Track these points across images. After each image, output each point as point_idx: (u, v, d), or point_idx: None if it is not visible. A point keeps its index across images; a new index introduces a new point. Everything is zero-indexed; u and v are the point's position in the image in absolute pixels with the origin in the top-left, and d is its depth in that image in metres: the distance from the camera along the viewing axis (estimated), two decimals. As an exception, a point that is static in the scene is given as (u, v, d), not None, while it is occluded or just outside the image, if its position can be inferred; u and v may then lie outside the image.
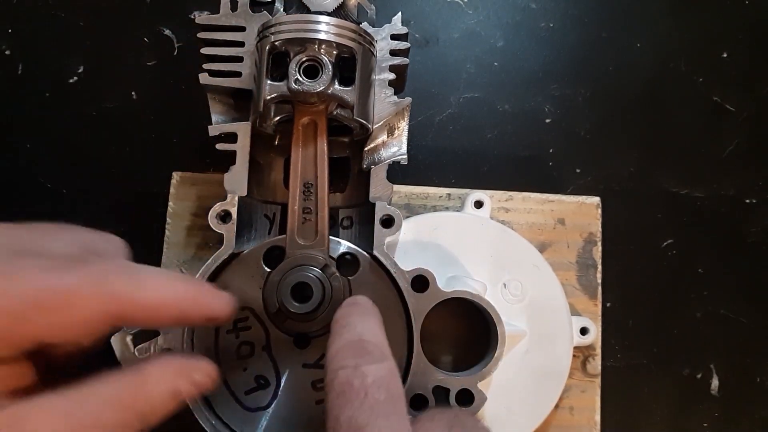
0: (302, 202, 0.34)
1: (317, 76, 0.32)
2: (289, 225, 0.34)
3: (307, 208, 0.34)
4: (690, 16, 0.49)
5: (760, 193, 0.46)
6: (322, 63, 0.32)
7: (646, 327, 0.44)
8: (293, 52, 0.32)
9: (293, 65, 0.32)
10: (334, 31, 0.32)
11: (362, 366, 0.25)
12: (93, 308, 0.24)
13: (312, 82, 0.32)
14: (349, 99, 0.33)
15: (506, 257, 0.40)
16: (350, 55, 0.33)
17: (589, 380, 0.41)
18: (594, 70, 0.48)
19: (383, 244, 0.34)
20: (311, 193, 0.34)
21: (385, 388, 0.25)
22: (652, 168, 0.46)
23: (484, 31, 0.48)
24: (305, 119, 0.34)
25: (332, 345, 0.27)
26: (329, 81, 0.32)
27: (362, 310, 0.30)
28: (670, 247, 0.46)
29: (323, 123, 0.34)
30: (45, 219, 0.44)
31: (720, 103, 0.48)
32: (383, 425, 0.24)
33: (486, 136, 0.47)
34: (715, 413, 0.44)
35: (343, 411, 0.24)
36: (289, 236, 0.34)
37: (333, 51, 0.33)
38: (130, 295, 0.25)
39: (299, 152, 0.34)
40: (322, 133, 0.34)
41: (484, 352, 0.37)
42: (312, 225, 0.34)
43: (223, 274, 0.34)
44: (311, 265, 0.33)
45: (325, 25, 0.32)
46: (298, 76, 0.32)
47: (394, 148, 0.37)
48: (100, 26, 0.47)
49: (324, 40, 0.32)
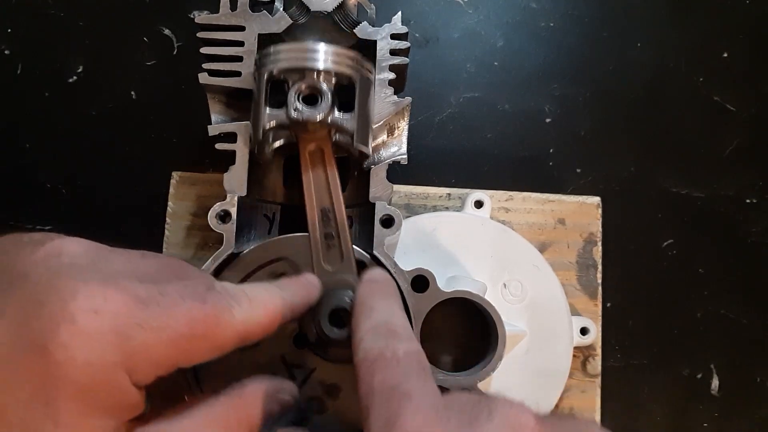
0: (323, 229, 0.34)
1: (316, 104, 0.32)
2: (314, 254, 0.34)
3: (329, 234, 0.34)
4: (690, 16, 0.49)
5: (760, 193, 0.46)
6: (321, 91, 0.32)
7: (646, 327, 0.44)
8: (292, 81, 0.32)
9: (292, 94, 0.32)
10: (333, 59, 0.32)
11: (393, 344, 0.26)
12: (228, 335, 0.26)
13: (311, 110, 0.32)
14: (349, 126, 0.33)
15: (506, 257, 0.40)
16: (349, 82, 0.33)
17: (589, 380, 0.41)
18: (594, 70, 0.48)
19: (383, 244, 0.34)
20: (330, 219, 0.34)
21: (416, 360, 0.25)
22: (652, 168, 0.46)
23: (484, 31, 0.48)
24: (311, 146, 0.34)
25: (360, 327, 0.27)
26: (328, 109, 0.32)
27: (384, 290, 0.30)
28: (670, 247, 0.46)
29: (329, 148, 0.34)
30: (45, 219, 0.44)
31: (720, 103, 0.48)
32: (416, 385, 0.24)
33: (486, 136, 0.46)
34: (715, 413, 0.44)
35: (375, 375, 0.24)
36: (316, 265, 0.33)
37: (332, 79, 0.32)
38: (254, 318, 0.27)
39: (311, 180, 0.34)
40: (330, 158, 0.34)
41: (484, 352, 0.37)
42: (336, 250, 0.34)
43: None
44: (344, 289, 0.32)
45: (323, 53, 0.32)
46: (298, 105, 0.32)
47: (394, 148, 0.37)
48: (100, 26, 0.47)
49: (322, 69, 0.32)
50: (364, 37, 0.37)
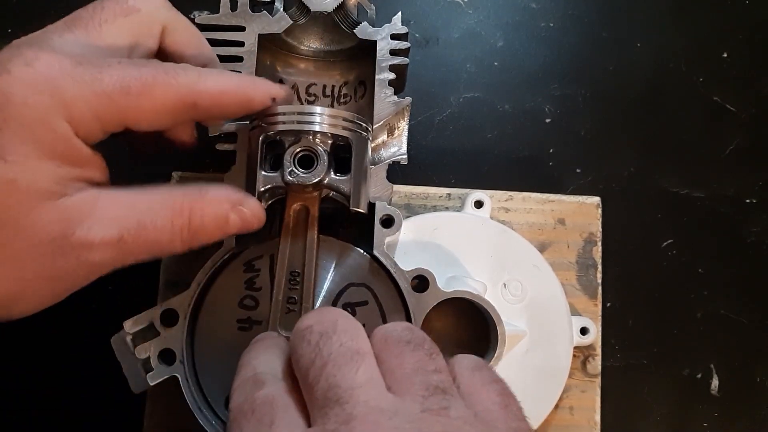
0: (287, 292, 0.34)
1: (312, 167, 0.32)
2: (272, 316, 0.33)
3: (292, 298, 0.34)
4: (690, 16, 0.49)
5: (760, 193, 0.46)
6: (317, 153, 0.32)
7: (646, 327, 0.44)
8: (287, 143, 0.32)
9: (288, 156, 0.32)
10: (328, 121, 0.32)
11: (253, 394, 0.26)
12: (169, 94, 0.28)
13: (307, 173, 0.32)
14: (345, 189, 0.33)
15: (506, 257, 0.40)
16: (345, 143, 0.33)
17: (589, 380, 0.41)
18: (594, 70, 0.48)
19: (383, 244, 0.34)
20: (297, 283, 0.34)
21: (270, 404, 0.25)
22: (652, 168, 0.46)
23: (484, 31, 0.48)
24: (297, 205, 0.34)
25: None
26: (324, 171, 0.32)
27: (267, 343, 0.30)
28: (670, 247, 0.46)
29: (315, 211, 0.34)
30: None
31: (720, 103, 0.48)
32: None
33: (486, 136, 0.47)
34: (715, 413, 0.44)
35: None
36: (271, 326, 0.33)
37: (328, 141, 0.32)
38: (200, 84, 0.28)
39: (288, 240, 0.34)
40: (313, 222, 0.34)
41: (484, 352, 0.37)
42: (296, 316, 0.33)
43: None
44: None
45: (319, 116, 0.32)
46: (293, 168, 0.32)
47: (394, 148, 0.37)
48: (100, 26, 0.47)
49: (318, 132, 0.32)
50: (364, 38, 0.37)
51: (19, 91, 0.26)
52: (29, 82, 0.26)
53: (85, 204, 0.27)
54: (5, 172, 0.25)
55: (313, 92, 0.40)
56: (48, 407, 0.42)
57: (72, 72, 0.27)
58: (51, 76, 0.26)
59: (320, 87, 0.40)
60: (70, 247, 0.27)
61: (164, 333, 0.33)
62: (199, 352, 0.34)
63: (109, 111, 0.27)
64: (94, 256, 0.27)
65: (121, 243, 0.27)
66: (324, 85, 0.40)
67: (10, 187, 0.26)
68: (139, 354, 0.32)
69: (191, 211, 0.29)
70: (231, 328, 0.34)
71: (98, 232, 0.27)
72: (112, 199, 0.28)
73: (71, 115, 0.26)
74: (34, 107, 0.26)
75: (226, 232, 0.30)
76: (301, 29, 0.38)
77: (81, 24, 0.29)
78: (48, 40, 0.28)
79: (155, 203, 0.28)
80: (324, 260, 0.34)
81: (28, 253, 0.26)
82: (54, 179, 0.26)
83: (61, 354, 0.42)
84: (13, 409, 0.42)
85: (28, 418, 0.42)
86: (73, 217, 0.27)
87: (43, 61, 0.26)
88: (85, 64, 0.27)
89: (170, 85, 0.28)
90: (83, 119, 0.27)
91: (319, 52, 0.39)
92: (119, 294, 0.42)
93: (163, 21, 0.32)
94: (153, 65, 0.28)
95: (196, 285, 0.33)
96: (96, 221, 0.27)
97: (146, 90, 0.27)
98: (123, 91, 0.27)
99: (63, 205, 0.27)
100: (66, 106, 0.26)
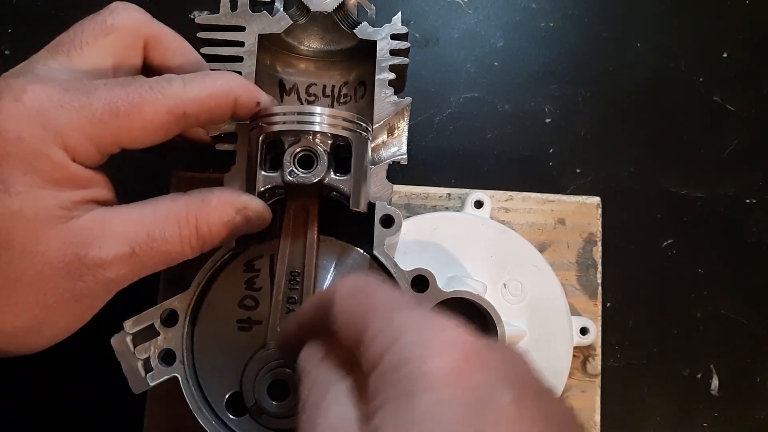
0: (287, 292, 0.33)
1: (312, 167, 0.32)
2: (272, 316, 0.33)
3: (292, 298, 0.33)
4: (690, 16, 0.49)
5: (760, 193, 0.46)
6: (317, 153, 0.32)
7: (646, 327, 0.44)
8: (287, 143, 0.32)
9: (288, 156, 0.32)
10: (328, 121, 0.32)
11: None
12: (158, 109, 0.28)
13: (307, 173, 0.32)
14: (345, 189, 0.32)
15: (506, 257, 0.40)
16: (345, 143, 0.33)
17: (589, 380, 0.41)
18: (594, 70, 0.48)
19: (383, 244, 0.34)
20: (297, 283, 0.33)
21: None
22: (652, 168, 0.46)
23: (484, 31, 0.48)
24: (296, 205, 0.34)
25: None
26: (324, 171, 0.32)
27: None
28: (670, 247, 0.46)
29: (315, 210, 0.34)
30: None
31: (720, 103, 0.48)
32: None
33: (486, 136, 0.47)
34: (715, 413, 0.44)
35: None
36: (271, 327, 0.33)
37: (328, 141, 0.32)
38: (187, 93, 0.29)
39: (288, 240, 0.34)
40: (312, 221, 0.34)
41: (484, 352, 0.37)
42: None
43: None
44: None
45: (319, 116, 0.32)
46: (293, 168, 0.32)
47: (394, 148, 0.37)
48: (100, 26, 0.47)
49: (318, 132, 0.32)
50: (364, 38, 0.37)
51: (12, 127, 0.26)
52: (20, 117, 0.27)
53: (93, 224, 0.28)
54: (11, 204, 0.26)
55: (313, 92, 0.40)
56: (48, 407, 0.42)
57: (60, 100, 0.27)
58: (41, 108, 0.27)
59: (320, 87, 0.40)
60: (86, 267, 0.27)
61: (164, 333, 0.33)
62: (199, 353, 0.34)
63: (101, 134, 0.28)
64: (110, 273, 0.28)
65: (134, 257, 0.28)
66: (324, 85, 0.40)
67: (18, 217, 0.27)
68: (139, 354, 0.32)
69: (197, 219, 0.29)
70: (231, 328, 0.34)
71: (110, 249, 0.28)
72: (119, 216, 0.29)
73: (65, 143, 0.27)
74: (29, 141, 0.27)
75: (234, 234, 0.31)
76: (301, 29, 0.38)
77: (63, 49, 0.30)
78: (34, 70, 0.29)
79: (161, 216, 0.29)
80: (324, 260, 0.34)
81: (46, 279, 0.27)
82: (59, 204, 0.27)
83: (61, 354, 0.42)
84: (13, 409, 0.42)
85: (28, 418, 0.42)
86: (83, 238, 0.27)
87: (31, 94, 0.27)
88: (72, 90, 0.27)
89: (157, 100, 0.28)
90: (78, 145, 0.27)
91: (319, 52, 0.39)
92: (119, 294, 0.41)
93: (144, 35, 0.32)
94: (138, 82, 0.29)
95: (196, 285, 0.33)
96: (106, 239, 0.28)
97: (135, 109, 0.28)
98: (112, 113, 0.28)
99: (72, 227, 0.27)
100: (59, 135, 0.27)
